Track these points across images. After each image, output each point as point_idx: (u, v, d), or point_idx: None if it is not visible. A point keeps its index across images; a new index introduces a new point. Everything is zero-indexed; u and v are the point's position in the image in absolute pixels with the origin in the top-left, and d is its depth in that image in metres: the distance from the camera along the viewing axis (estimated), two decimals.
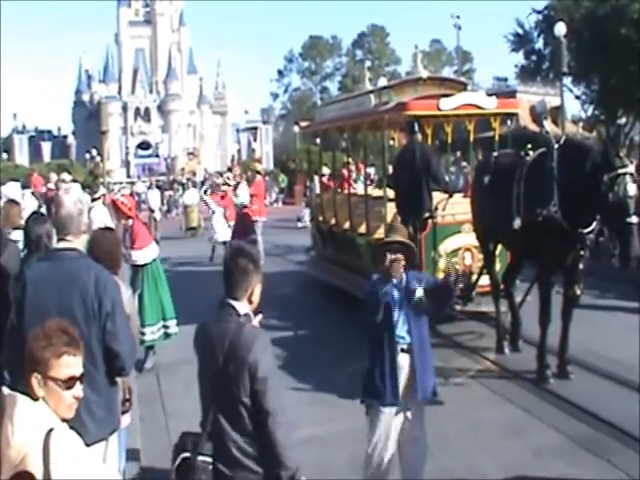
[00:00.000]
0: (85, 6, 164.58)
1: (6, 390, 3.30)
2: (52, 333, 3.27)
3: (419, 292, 5.90)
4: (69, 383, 3.27)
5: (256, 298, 4.27)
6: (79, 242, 4.75)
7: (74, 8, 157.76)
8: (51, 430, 3.09)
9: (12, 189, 14.42)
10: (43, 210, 16.23)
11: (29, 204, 11.54)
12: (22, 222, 8.42)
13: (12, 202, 9.33)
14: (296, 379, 8.35)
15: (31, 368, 3.24)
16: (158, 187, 36.45)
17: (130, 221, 10.49)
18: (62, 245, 4.70)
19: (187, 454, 4.15)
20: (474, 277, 11.41)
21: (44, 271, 4.64)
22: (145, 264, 10.36)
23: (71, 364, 3.28)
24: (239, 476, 4.10)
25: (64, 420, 3.28)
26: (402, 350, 5.92)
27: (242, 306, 4.19)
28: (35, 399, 3.22)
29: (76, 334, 3.37)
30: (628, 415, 7.64)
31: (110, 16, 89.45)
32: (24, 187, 21.25)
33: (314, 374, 9.59)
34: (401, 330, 5.94)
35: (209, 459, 4.11)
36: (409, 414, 5.97)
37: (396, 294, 5.92)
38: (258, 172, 20.05)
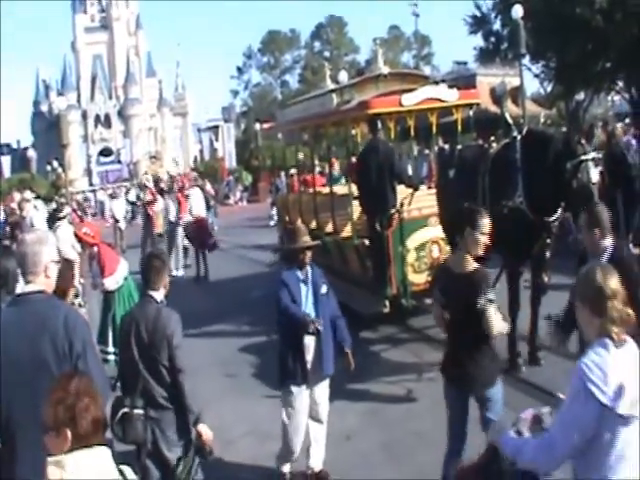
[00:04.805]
0: (40, 14, 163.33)
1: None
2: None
3: (324, 289, 6.98)
4: None
5: (167, 287, 5.88)
6: (45, 281, 4.68)
7: (29, 17, 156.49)
8: None
9: None
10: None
11: None
12: None
13: None
14: (271, 387, 8.26)
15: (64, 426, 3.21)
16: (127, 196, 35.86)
17: (96, 248, 10.35)
18: (28, 288, 4.67)
19: (126, 409, 5.54)
20: None
21: (12, 317, 4.60)
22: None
23: None
24: (165, 416, 5.58)
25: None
26: (308, 333, 6.67)
27: (159, 295, 5.80)
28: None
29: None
30: None
31: (66, 24, 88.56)
32: None
33: None
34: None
35: (142, 411, 5.55)
36: (316, 389, 6.91)
37: (304, 286, 6.88)
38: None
